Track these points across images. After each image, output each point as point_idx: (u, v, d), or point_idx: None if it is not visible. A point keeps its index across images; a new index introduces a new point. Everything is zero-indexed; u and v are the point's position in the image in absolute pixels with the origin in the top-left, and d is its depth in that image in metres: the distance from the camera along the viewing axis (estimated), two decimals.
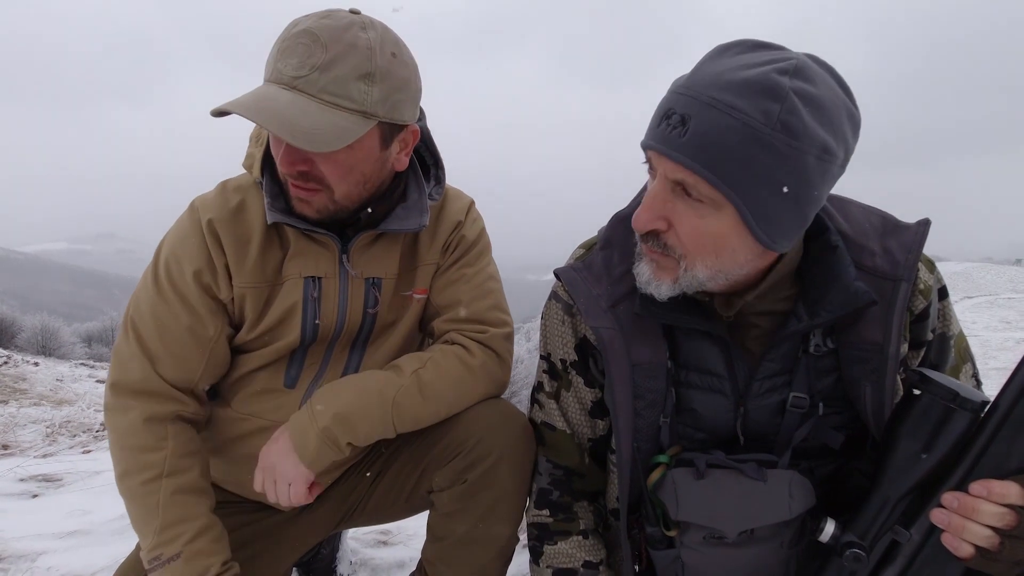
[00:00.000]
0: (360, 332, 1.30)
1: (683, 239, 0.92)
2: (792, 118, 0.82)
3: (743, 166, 0.83)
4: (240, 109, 1.01)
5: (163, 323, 1.21)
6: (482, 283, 1.34)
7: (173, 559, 1.14)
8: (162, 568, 1.15)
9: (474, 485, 1.21)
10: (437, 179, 1.33)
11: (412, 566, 1.95)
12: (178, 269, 1.21)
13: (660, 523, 1.06)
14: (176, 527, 1.16)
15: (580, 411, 1.19)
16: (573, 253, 1.19)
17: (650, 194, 0.92)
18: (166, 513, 1.16)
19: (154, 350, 1.21)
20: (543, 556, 1.20)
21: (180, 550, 1.14)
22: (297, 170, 1.09)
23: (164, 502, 1.17)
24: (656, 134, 0.89)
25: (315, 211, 1.15)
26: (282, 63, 1.04)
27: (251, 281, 1.21)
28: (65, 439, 3.28)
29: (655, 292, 0.98)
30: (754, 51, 0.88)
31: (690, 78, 0.88)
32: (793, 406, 1.05)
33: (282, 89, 1.03)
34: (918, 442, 0.88)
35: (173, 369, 1.22)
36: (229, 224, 1.20)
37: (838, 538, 0.93)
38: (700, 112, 0.84)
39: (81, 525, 2.19)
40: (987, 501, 0.81)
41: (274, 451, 1.18)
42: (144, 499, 1.18)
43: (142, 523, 1.18)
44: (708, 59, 0.89)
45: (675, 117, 0.86)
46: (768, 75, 0.82)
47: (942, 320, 1.07)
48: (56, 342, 17.85)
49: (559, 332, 1.18)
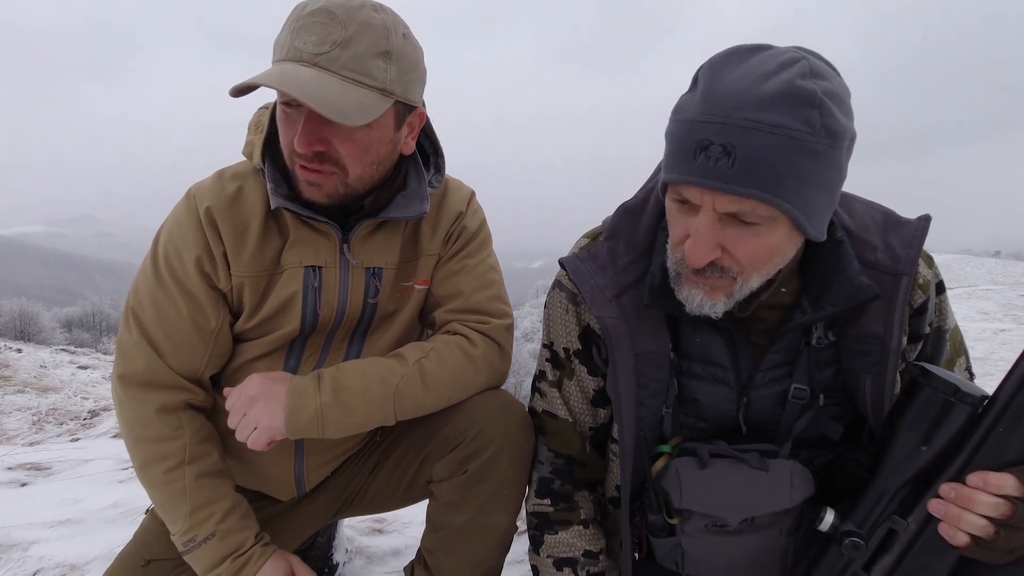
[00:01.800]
0: (360, 322, 1.30)
1: (740, 259, 0.92)
2: (831, 120, 0.83)
3: (796, 178, 0.84)
4: (271, 81, 1.00)
5: (165, 314, 1.20)
6: (483, 274, 1.34)
7: (208, 539, 1.19)
8: (198, 548, 1.19)
9: (474, 475, 1.22)
10: (436, 167, 1.33)
11: (407, 554, 1.97)
12: (178, 259, 1.19)
13: (663, 511, 1.08)
14: (206, 509, 1.20)
15: (582, 400, 1.20)
16: (577, 242, 1.20)
17: (700, 231, 0.89)
18: (194, 497, 1.19)
19: (158, 340, 1.20)
20: (543, 545, 1.21)
21: (214, 530, 1.19)
22: (314, 150, 1.08)
23: (190, 487, 1.20)
24: (695, 169, 0.85)
25: (325, 195, 1.13)
26: (299, 41, 1.03)
27: (249, 270, 1.20)
28: (52, 427, 3.24)
29: (710, 312, 0.98)
30: (755, 55, 0.87)
31: (710, 103, 0.85)
32: (794, 397, 1.06)
33: (302, 66, 1.02)
34: (918, 434, 0.90)
35: (178, 360, 1.21)
36: (227, 212, 1.19)
37: (837, 527, 0.95)
38: (742, 138, 0.82)
39: (72, 514, 2.18)
40: (983, 492, 0.84)
41: (265, 390, 1.14)
42: (169, 487, 1.20)
43: (170, 509, 1.21)
44: (714, 77, 0.87)
45: (714, 149, 0.83)
46: (794, 83, 0.82)
47: (939, 314, 1.09)
48: (35, 327, 17.58)
49: (563, 321, 1.18)
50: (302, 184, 1.13)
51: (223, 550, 1.19)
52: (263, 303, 1.23)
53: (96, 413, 3.46)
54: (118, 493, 2.36)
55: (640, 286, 1.07)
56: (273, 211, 1.20)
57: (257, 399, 1.13)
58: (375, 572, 1.90)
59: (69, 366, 10.76)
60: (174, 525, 1.21)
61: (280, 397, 1.13)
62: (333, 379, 1.16)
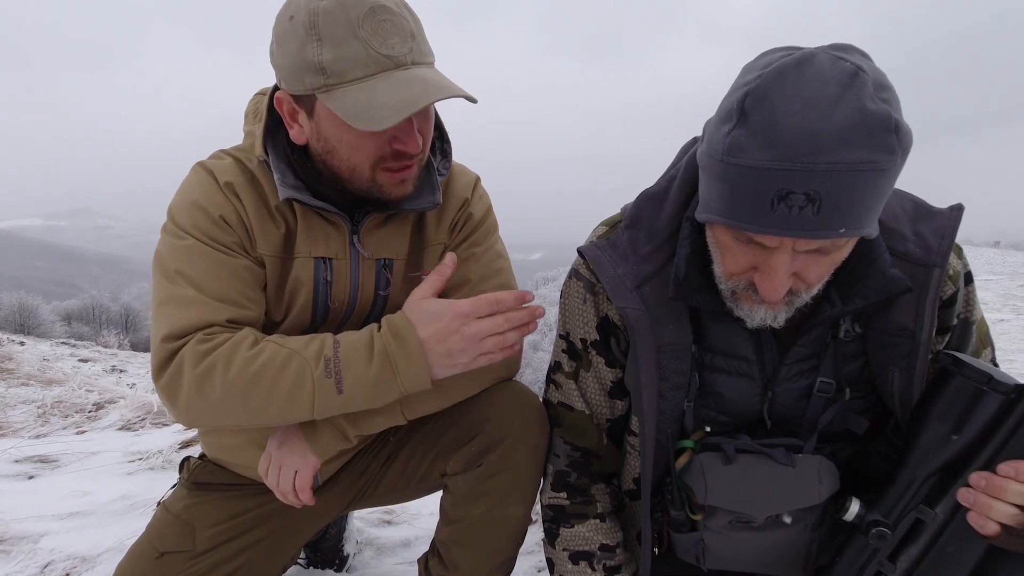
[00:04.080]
0: (371, 314, 1.28)
1: (812, 281, 0.91)
2: (905, 137, 0.79)
3: (878, 201, 0.82)
4: (428, 98, 0.99)
5: (214, 272, 1.09)
6: (491, 261, 1.32)
7: (336, 346, 1.06)
8: (340, 365, 1.04)
9: (490, 468, 1.21)
10: (444, 152, 1.30)
11: (417, 544, 1.97)
12: (204, 216, 1.11)
13: (685, 507, 1.06)
14: (310, 340, 1.07)
15: (599, 391, 1.19)
16: (595, 230, 1.17)
17: (778, 271, 0.86)
18: (293, 343, 1.07)
19: (220, 296, 1.09)
20: (559, 538, 1.21)
21: (335, 339, 1.07)
22: (421, 145, 1.08)
23: (283, 341, 1.07)
24: (776, 220, 0.80)
25: (412, 185, 1.15)
26: (386, 48, 1.00)
27: (270, 249, 1.17)
28: (58, 420, 3.23)
29: (772, 323, 0.97)
30: (803, 76, 0.78)
31: (780, 148, 0.77)
32: (819, 391, 1.05)
33: (412, 69, 1.02)
34: (948, 423, 0.89)
35: (253, 309, 1.13)
36: (247, 189, 1.16)
37: (863, 517, 0.94)
38: (826, 184, 0.77)
39: (81, 506, 2.17)
40: (1015, 481, 0.83)
41: (280, 439, 1.17)
42: (265, 359, 1.04)
43: (278, 374, 1.03)
44: (772, 113, 0.78)
45: (797, 198, 0.78)
46: (866, 109, 0.76)
47: (966, 305, 1.07)
48: (35, 320, 17.63)
49: (580, 311, 1.16)
50: (388, 188, 1.12)
51: (352, 342, 1.06)
52: (280, 288, 1.20)
53: (101, 406, 3.45)
54: (127, 485, 2.36)
55: (661, 276, 1.05)
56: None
57: (279, 447, 1.16)
58: (385, 563, 1.89)
59: (71, 359, 10.75)
60: (297, 373, 1.04)
61: (294, 432, 1.16)
62: None
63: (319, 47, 0.98)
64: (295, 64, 1.01)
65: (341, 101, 0.99)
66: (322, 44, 0.98)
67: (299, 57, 1.00)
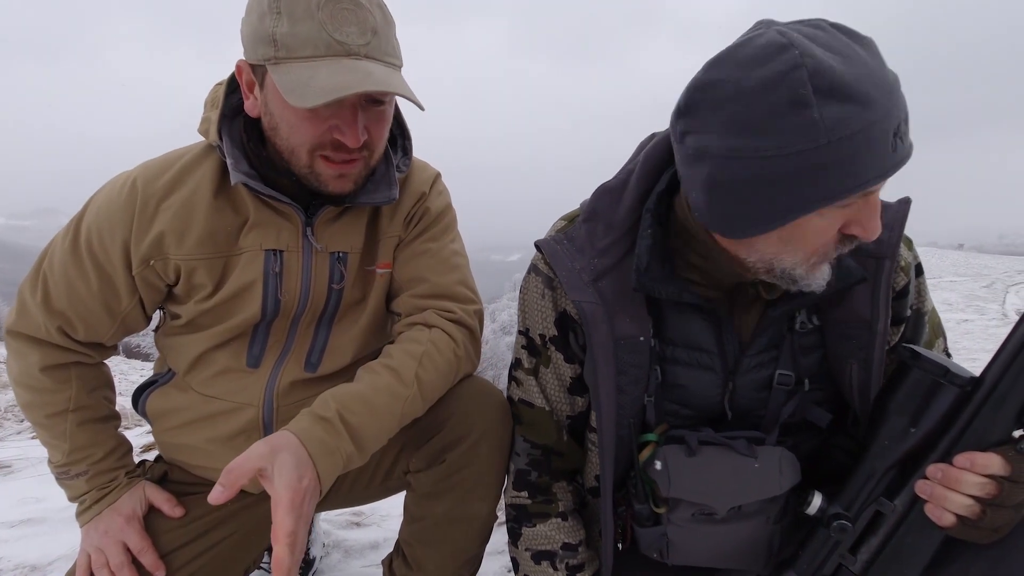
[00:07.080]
0: (325, 309, 1.26)
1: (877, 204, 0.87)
2: None
3: None
4: (365, 86, 0.98)
5: (74, 287, 1.17)
6: (447, 258, 1.30)
7: (80, 475, 1.23)
8: (70, 480, 1.23)
9: (453, 464, 1.19)
10: (404, 150, 1.29)
11: (386, 547, 1.93)
12: (99, 238, 1.15)
13: (649, 500, 1.06)
14: (84, 451, 1.22)
15: (559, 388, 1.17)
16: (554, 225, 1.16)
17: (877, 203, 0.85)
18: (74, 440, 1.22)
19: (61, 309, 1.18)
20: (522, 538, 1.19)
21: (87, 468, 1.23)
22: (363, 140, 1.07)
23: (71, 431, 1.22)
24: (898, 155, 0.80)
25: (353, 183, 1.13)
26: (340, 34, 1.00)
27: (200, 252, 1.15)
28: (12, 424, 3.13)
29: (816, 288, 0.92)
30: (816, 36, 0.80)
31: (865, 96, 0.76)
32: (779, 383, 1.05)
33: (360, 61, 1.01)
34: (907, 416, 0.90)
35: (78, 330, 1.20)
36: (169, 191, 1.14)
37: (824, 510, 0.95)
38: (901, 103, 0.80)
39: (34, 513, 2.10)
40: (970, 472, 0.84)
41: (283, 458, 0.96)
42: (51, 428, 1.23)
43: (50, 444, 1.25)
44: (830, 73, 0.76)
45: (903, 127, 0.80)
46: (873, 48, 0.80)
47: (918, 296, 1.09)
48: None
49: (539, 306, 1.15)
50: (326, 179, 1.10)
51: (92, 484, 1.23)
52: (221, 285, 1.18)
53: None
54: None
55: (620, 269, 1.04)
56: (226, 191, 1.16)
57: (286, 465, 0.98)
58: (353, 566, 1.86)
59: None
60: (52, 455, 1.25)
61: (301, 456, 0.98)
62: (345, 423, 1.04)
63: (277, 19, 1.00)
64: (253, 32, 1.03)
65: (284, 75, 1.00)
66: (280, 17, 1.00)
67: (258, 26, 1.01)
